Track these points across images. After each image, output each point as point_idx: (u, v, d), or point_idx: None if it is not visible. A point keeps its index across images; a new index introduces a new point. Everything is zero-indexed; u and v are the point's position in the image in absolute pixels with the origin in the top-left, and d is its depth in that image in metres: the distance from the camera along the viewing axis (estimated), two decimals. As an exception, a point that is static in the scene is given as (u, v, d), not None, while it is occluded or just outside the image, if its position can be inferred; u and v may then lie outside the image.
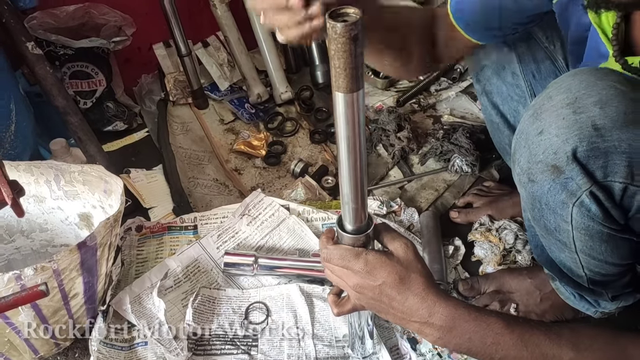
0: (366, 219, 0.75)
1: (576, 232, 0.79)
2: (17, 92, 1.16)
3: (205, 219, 1.25)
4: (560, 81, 0.75)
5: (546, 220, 0.81)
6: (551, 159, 0.73)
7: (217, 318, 1.07)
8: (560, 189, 0.75)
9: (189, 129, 1.59)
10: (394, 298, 0.74)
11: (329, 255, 0.77)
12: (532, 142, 0.76)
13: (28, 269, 0.81)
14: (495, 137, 1.23)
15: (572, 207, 0.75)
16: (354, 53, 0.54)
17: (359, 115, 0.60)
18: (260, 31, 1.61)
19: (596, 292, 0.95)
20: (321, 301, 1.10)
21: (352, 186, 0.69)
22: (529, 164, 0.77)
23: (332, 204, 1.31)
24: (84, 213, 1.10)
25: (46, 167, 1.05)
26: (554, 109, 0.73)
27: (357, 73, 0.56)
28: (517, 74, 1.10)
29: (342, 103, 0.59)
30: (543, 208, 0.80)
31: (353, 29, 0.52)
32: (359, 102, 0.59)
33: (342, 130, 0.62)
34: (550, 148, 0.73)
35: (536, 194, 0.79)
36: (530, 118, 0.77)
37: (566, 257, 0.87)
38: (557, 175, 0.74)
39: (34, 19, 1.30)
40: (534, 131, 0.75)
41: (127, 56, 1.60)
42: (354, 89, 0.57)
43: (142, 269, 1.16)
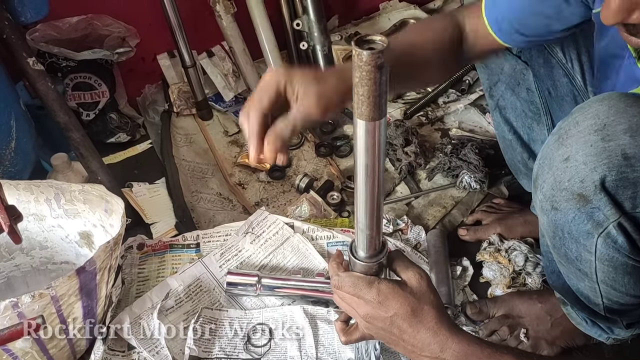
0: (380, 245, 0.73)
1: (599, 263, 0.76)
2: (18, 107, 1.14)
3: (208, 236, 1.23)
4: (587, 106, 0.72)
5: (567, 249, 0.78)
6: (577, 187, 0.70)
7: (218, 340, 1.05)
8: (586, 219, 0.71)
9: (192, 141, 1.57)
10: (405, 330, 0.72)
11: (340, 282, 0.74)
12: (557, 168, 0.72)
13: (25, 296, 0.79)
14: (507, 154, 1.20)
15: (597, 237, 0.72)
16: (379, 81, 0.52)
17: (380, 143, 0.59)
18: (266, 42, 1.59)
19: (611, 319, 0.92)
20: (325, 323, 1.07)
21: (368, 214, 0.67)
22: (552, 190, 0.74)
23: (337, 221, 1.29)
24: (85, 231, 1.08)
25: (46, 186, 1.03)
26: (581, 135, 0.70)
27: (381, 101, 0.54)
28: (533, 90, 1.07)
29: (364, 130, 0.57)
30: (565, 237, 0.76)
31: (379, 57, 0.50)
32: (380, 130, 0.57)
33: (361, 157, 0.60)
34: (576, 176, 0.70)
35: (559, 222, 0.75)
36: (555, 143, 0.74)
37: (585, 286, 0.84)
38: (583, 205, 0.70)
39: (36, 32, 1.29)
40: (560, 157, 0.72)
41: (131, 66, 1.59)
42: (377, 117, 0.55)
43: (143, 287, 1.14)
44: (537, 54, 1.02)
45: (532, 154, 1.13)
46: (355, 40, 0.52)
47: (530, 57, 1.04)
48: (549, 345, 1.04)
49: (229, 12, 1.54)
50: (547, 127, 1.08)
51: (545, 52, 1.02)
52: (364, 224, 0.68)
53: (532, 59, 1.03)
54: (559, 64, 1.01)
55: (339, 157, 1.51)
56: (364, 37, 0.53)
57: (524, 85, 1.06)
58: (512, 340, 1.06)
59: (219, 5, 1.52)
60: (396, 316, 0.72)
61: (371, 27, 1.94)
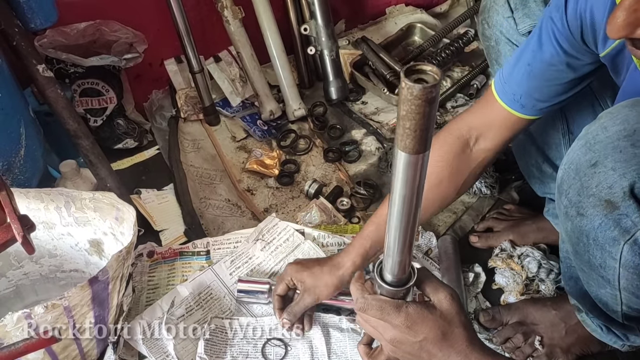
0: (409, 270, 0.70)
1: (623, 270, 0.74)
2: (27, 114, 1.13)
3: (218, 243, 1.22)
4: (616, 112, 0.71)
5: (591, 256, 0.77)
6: (605, 194, 0.69)
7: (230, 349, 1.04)
8: (613, 226, 0.70)
9: (200, 147, 1.56)
10: (435, 355, 0.70)
11: (366, 305, 0.72)
12: (584, 174, 0.71)
13: (38, 307, 0.78)
14: (520, 158, 1.19)
15: (623, 244, 0.71)
16: (428, 115, 0.49)
17: (421, 176, 0.56)
18: (274, 47, 1.58)
19: (627, 327, 0.91)
20: (338, 332, 1.07)
21: (400, 241, 0.64)
22: (579, 196, 0.73)
23: (347, 228, 1.28)
24: (95, 239, 1.07)
25: (56, 194, 1.02)
26: (609, 140, 0.69)
27: (428, 135, 0.51)
28: None
29: (405, 163, 0.54)
30: (590, 243, 0.75)
31: (432, 92, 0.47)
32: (423, 164, 0.54)
33: (398, 188, 0.57)
34: (604, 182, 0.69)
35: (584, 229, 0.74)
36: (582, 148, 0.73)
37: (605, 293, 0.83)
38: (610, 211, 0.69)
39: (44, 38, 1.28)
40: (587, 163, 0.71)
41: (138, 72, 1.58)
42: (421, 151, 0.52)
43: (153, 295, 1.13)
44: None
45: (546, 158, 1.12)
46: (405, 71, 0.49)
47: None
48: (563, 352, 1.03)
49: (237, 17, 1.53)
50: (562, 131, 1.07)
51: None
52: (394, 250, 0.65)
53: None
54: None
55: (348, 163, 1.51)
56: (414, 67, 0.50)
57: None
58: (527, 347, 1.05)
59: (226, 11, 1.52)
60: (425, 341, 0.70)
61: (378, 32, 1.93)
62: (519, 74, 0.90)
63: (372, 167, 1.49)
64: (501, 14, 1.05)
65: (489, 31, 1.10)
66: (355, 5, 1.94)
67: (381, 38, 1.84)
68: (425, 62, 0.51)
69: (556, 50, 0.85)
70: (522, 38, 1.04)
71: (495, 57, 1.12)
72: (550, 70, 0.87)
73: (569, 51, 0.84)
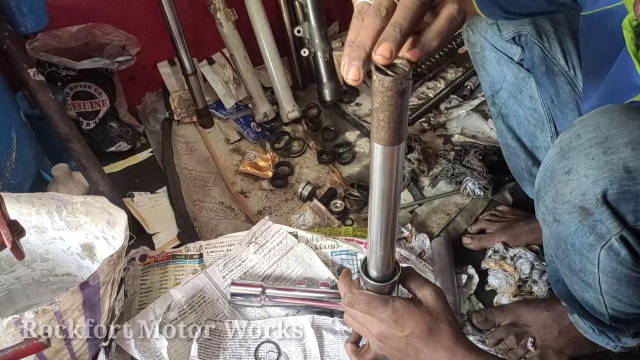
0: (393, 265, 0.71)
1: (602, 275, 0.76)
2: (19, 118, 1.13)
3: (211, 247, 1.22)
4: (589, 119, 0.71)
5: (570, 261, 0.78)
6: (579, 200, 0.70)
7: (223, 352, 1.04)
8: (588, 232, 0.71)
9: (193, 149, 1.55)
10: (421, 351, 0.71)
11: (353, 300, 0.73)
12: (558, 181, 0.72)
13: (28, 313, 0.78)
14: (510, 161, 1.19)
15: (600, 250, 0.72)
16: (400, 107, 0.50)
17: (398, 168, 0.57)
18: (267, 50, 1.59)
19: (618, 328, 0.91)
20: (331, 334, 1.06)
21: (382, 236, 0.66)
22: (554, 203, 0.74)
23: (341, 230, 1.28)
24: (87, 243, 1.07)
25: (48, 198, 1.02)
26: (582, 147, 0.70)
27: (402, 126, 0.52)
28: (535, 98, 1.06)
29: (381, 155, 0.56)
30: (568, 249, 0.76)
31: (402, 83, 0.49)
32: (399, 155, 0.56)
33: (377, 181, 0.59)
34: (578, 189, 0.69)
35: (561, 235, 0.75)
36: (556, 156, 0.73)
37: (589, 297, 0.84)
38: (585, 217, 0.70)
39: (36, 41, 1.27)
40: (561, 170, 0.72)
41: (131, 74, 1.57)
42: (396, 142, 0.54)
43: (145, 299, 1.13)
44: (539, 61, 1.01)
45: (536, 161, 1.12)
46: (376, 65, 0.49)
47: (532, 65, 1.03)
48: (556, 354, 1.04)
49: (230, 19, 1.53)
50: (551, 134, 1.07)
51: (547, 60, 1.01)
52: (377, 245, 0.67)
53: (535, 66, 1.03)
54: (562, 71, 1.01)
55: (342, 165, 1.51)
56: None
57: (526, 93, 1.06)
58: (519, 349, 1.05)
59: (219, 13, 1.51)
60: (412, 335, 0.70)
61: (371, 33, 1.93)
62: None
63: (365, 169, 1.49)
64: (484, 20, 1.05)
65: (473, 37, 1.11)
66: (349, 8, 1.91)
67: (375, 39, 1.83)
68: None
69: None
70: (506, 44, 1.04)
71: (481, 63, 1.12)
72: None
73: None
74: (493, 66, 1.08)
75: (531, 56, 1.02)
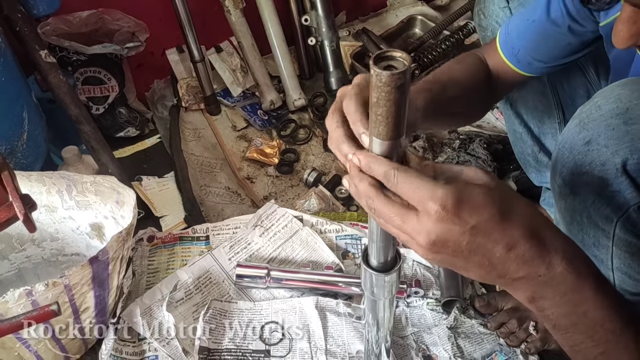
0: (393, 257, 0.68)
1: (616, 249, 0.75)
2: (30, 100, 1.15)
3: (218, 229, 1.23)
4: (610, 90, 0.72)
5: (585, 235, 0.77)
6: (598, 171, 0.69)
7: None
8: (606, 203, 0.71)
9: (201, 136, 1.57)
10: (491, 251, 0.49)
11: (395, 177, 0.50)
12: (578, 152, 0.72)
13: (39, 285, 0.80)
14: (517, 147, 1.19)
15: (616, 222, 0.71)
16: (398, 102, 0.48)
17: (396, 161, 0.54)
18: (274, 37, 1.60)
19: None
20: (335, 315, 1.08)
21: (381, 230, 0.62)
22: (572, 175, 0.73)
23: (345, 215, 1.29)
24: (96, 223, 1.09)
25: (58, 178, 1.04)
26: (602, 118, 0.70)
27: (400, 121, 0.50)
28: (544, 83, 1.06)
29: (379, 150, 0.53)
30: (584, 222, 0.76)
31: (400, 78, 0.46)
32: (398, 150, 0.53)
33: None
34: (598, 159, 0.69)
35: (577, 207, 0.75)
36: (576, 127, 0.73)
37: None
38: (603, 188, 0.70)
39: (47, 25, 1.29)
40: (581, 141, 0.72)
41: (140, 61, 1.59)
42: (395, 137, 0.51)
43: (153, 279, 1.15)
44: None
45: (543, 147, 1.13)
46: (374, 58, 0.48)
47: None
48: (558, 337, 1.04)
49: (238, 7, 1.54)
50: (559, 120, 1.08)
51: None
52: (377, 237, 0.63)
53: None
54: None
55: (347, 152, 1.51)
56: (383, 54, 0.49)
57: (536, 78, 1.06)
58: (521, 332, 1.06)
59: (227, 1, 1.53)
60: (478, 230, 0.48)
61: (378, 24, 1.94)
62: (521, 28, 0.90)
63: (371, 157, 1.49)
64: (497, 4, 1.06)
65: (485, 21, 1.11)
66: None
67: (382, 30, 1.84)
68: (395, 48, 0.50)
69: (562, 11, 0.85)
70: None
71: None
72: (552, 30, 0.87)
73: (574, 15, 0.84)
74: None
75: None
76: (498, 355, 1.03)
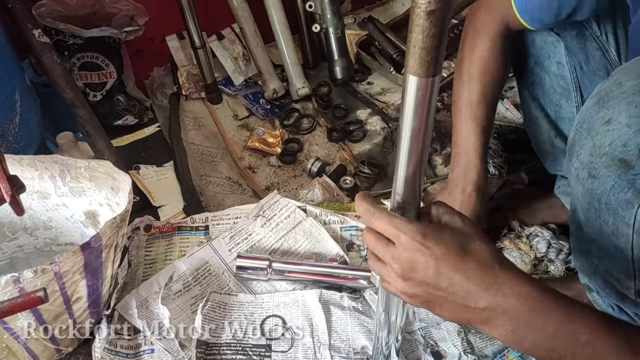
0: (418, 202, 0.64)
1: (637, 237, 0.70)
2: (23, 81, 1.10)
3: (217, 219, 1.19)
4: (631, 66, 0.67)
5: (603, 222, 0.73)
6: (619, 152, 0.65)
7: (228, 325, 1.01)
8: (627, 187, 0.66)
9: (201, 125, 1.53)
10: (452, 279, 0.57)
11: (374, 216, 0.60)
12: (596, 132, 0.67)
13: (27, 272, 0.75)
14: (532, 133, 1.15)
15: (637, 208, 0.66)
16: (427, 31, 0.47)
17: (430, 104, 0.53)
18: (278, 24, 1.55)
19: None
20: (339, 309, 1.03)
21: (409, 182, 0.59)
22: (591, 157, 0.69)
23: (350, 206, 1.25)
24: (90, 211, 1.04)
25: (51, 162, 0.99)
26: (624, 96, 0.65)
27: (429, 56, 0.48)
28: (563, 64, 1.01)
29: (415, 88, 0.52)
30: (602, 208, 0.71)
31: (431, 3, 0.45)
32: (433, 89, 0.51)
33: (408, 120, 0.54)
34: (619, 139, 0.65)
35: (596, 192, 0.70)
36: (595, 106, 0.68)
37: (617, 266, 0.79)
38: (624, 171, 0.65)
39: (43, 7, 1.25)
40: (600, 120, 0.67)
41: (139, 47, 1.55)
42: (423, 75, 0.50)
43: (150, 270, 1.10)
44: (570, 25, 0.97)
45: (559, 132, 1.08)
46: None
47: (563, 29, 0.99)
48: (573, 334, 1.00)
49: (240, -9, 1.50)
50: (577, 104, 1.03)
51: (579, 24, 0.97)
52: (400, 194, 0.60)
53: (565, 30, 0.98)
54: (593, 36, 0.96)
55: (352, 142, 1.47)
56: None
57: (554, 59, 1.01)
58: None
59: (230, -15, 1.48)
60: (442, 260, 0.57)
61: (384, 12, 1.89)
62: None
63: (376, 147, 1.45)
64: None
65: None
66: (362, -17, 1.90)
67: (388, 19, 1.80)
68: None
69: None
70: None
71: None
72: None
73: None
74: None
75: None
76: (510, 351, 0.99)
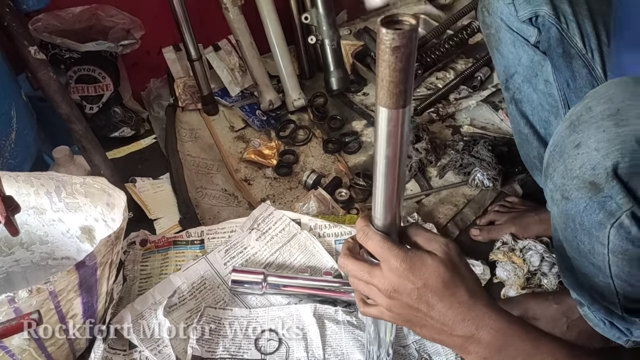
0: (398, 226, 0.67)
1: (612, 256, 0.72)
2: (19, 97, 1.11)
3: (213, 233, 1.19)
4: (601, 91, 0.68)
5: (579, 242, 0.75)
6: (589, 175, 0.67)
7: (222, 340, 1.01)
8: (598, 209, 0.68)
9: (197, 136, 1.53)
10: (434, 306, 0.62)
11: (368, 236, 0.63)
12: (568, 155, 0.69)
13: (22, 291, 0.76)
14: (522, 148, 1.16)
15: (609, 228, 0.68)
16: (393, 66, 0.48)
17: (402, 134, 0.54)
18: (273, 35, 1.56)
19: (629, 320, 0.88)
20: (333, 324, 1.04)
21: (386, 209, 0.61)
22: (563, 179, 0.71)
23: (345, 218, 1.25)
24: (86, 226, 1.05)
25: (47, 179, 1.00)
26: (593, 120, 0.67)
27: (397, 89, 0.49)
28: (551, 82, 1.03)
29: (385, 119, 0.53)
30: (577, 228, 0.73)
31: (395, 40, 0.46)
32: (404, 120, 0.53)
33: (382, 149, 0.56)
34: (588, 163, 0.66)
35: (570, 213, 0.72)
36: (566, 130, 0.70)
37: (599, 282, 0.80)
38: (594, 193, 0.67)
39: (39, 21, 1.25)
40: (571, 144, 0.69)
41: (136, 60, 1.55)
42: (400, 106, 0.51)
43: (145, 285, 1.11)
44: (555, 43, 0.98)
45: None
46: (382, 18, 0.48)
47: (548, 47, 1.00)
48: (565, 348, 1.01)
49: (236, 4, 1.50)
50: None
51: (564, 42, 0.98)
52: (381, 219, 0.63)
53: (551, 49, 1.00)
54: (579, 54, 0.98)
55: (348, 154, 1.48)
56: (394, 17, 0.48)
57: (541, 77, 1.02)
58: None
59: (226, -2, 1.49)
60: (425, 287, 0.61)
61: (380, 23, 1.90)
62: None
63: (372, 159, 1.45)
64: (501, 0, 1.02)
65: (489, 19, 1.07)
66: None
67: (384, 29, 1.80)
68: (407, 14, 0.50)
69: None
70: (522, 25, 1.01)
71: (496, 45, 1.09)
72: None
73: None
74: (508, 48, 1.05)
75: (548, 38, 0.99)
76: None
